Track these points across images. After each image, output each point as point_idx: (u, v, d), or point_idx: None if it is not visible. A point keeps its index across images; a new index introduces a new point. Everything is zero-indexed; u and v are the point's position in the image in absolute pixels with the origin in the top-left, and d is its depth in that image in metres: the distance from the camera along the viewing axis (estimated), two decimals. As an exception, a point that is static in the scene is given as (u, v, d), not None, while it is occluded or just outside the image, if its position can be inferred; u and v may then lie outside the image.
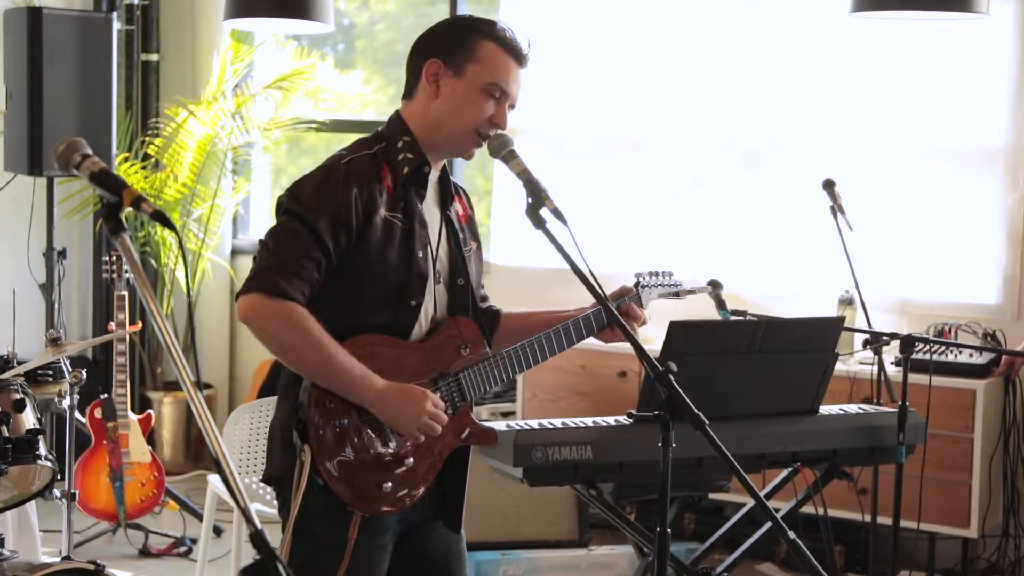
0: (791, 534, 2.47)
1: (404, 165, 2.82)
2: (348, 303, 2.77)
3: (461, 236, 2.93)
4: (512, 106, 2.87)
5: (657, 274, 3.23)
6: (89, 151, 2.01)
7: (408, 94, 2.89)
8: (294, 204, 2.74)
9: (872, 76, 5.61)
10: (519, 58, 2.84)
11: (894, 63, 5.57)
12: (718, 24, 5.90)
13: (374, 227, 2.75)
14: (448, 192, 2.92)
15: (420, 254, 2.80)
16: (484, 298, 3.12)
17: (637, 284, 3.15)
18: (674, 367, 2.60)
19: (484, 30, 2.83)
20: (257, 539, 1.88)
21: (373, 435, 2.76)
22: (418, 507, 2.87)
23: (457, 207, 2.96)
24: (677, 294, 3.34)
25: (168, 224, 1.95)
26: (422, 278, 2.80)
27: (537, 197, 2.68)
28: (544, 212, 2.68)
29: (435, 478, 2.86)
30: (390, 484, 2.77)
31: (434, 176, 2.90)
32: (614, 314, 2.70)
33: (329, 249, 2.71)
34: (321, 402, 2.73)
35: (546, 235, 2.66)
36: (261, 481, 3.10)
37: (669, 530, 2.71)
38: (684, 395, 2.57)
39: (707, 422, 2.55)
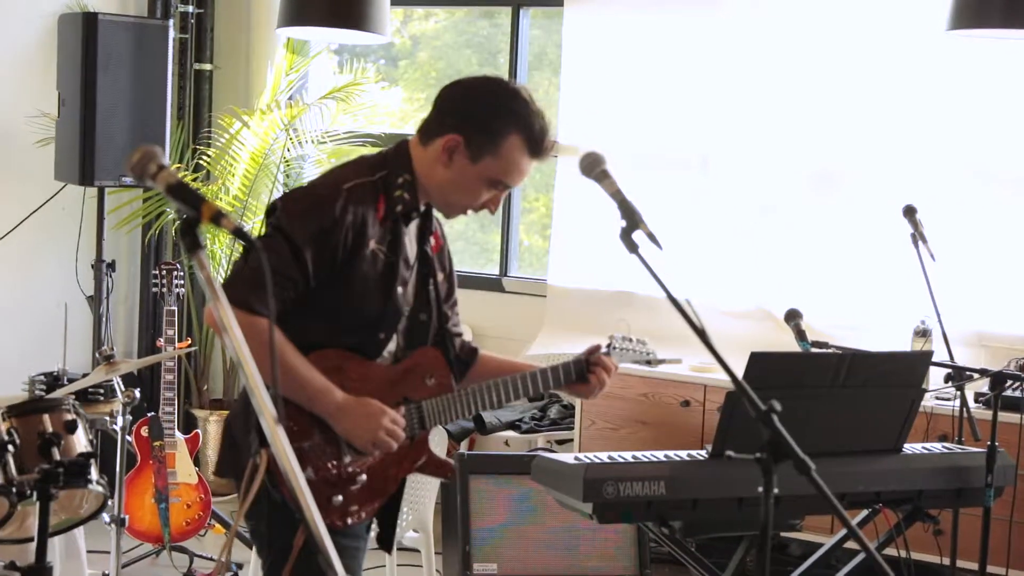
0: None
1: (398, 203, 2.85)
2: (322, 324, 2.82)
3: (435, 270, 2.98)
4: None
5: (631, 339, 3.28)
6: (165, 162, 1.85)
7: (424, 138, 2.89)
8: (285, 219, 2.78)
9: (952, 99, 5.41)
10: (539, 156, 2.89)
11: (974, 86, 5.37)
12: (790, 41, 5.71)
13: (361, 258, 2.80)
14: (428, 227, 2.96)
15: (400, 290, 2.85)
16: (458, 328, 3.15)
17: (609, 346, 3.21)
18: (778, 406, 2.41)
19: (519, 120, 2.84)
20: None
21: (330, 449, 2.82)
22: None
23: (431, 240, 3.00)
24: (649, 362, 3.39)
25: (249, 241, 1.80)
26: (397, 314, 2.87)
27: (631, 220, 2.55)
28: (637, 236, 2.52)
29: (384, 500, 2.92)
30: (340, 498, 2.82)
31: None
32: (710, 346, 2.51)
33: (308, 271, 2.76)
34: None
35: (640, 260, 2.51)
36: (213, 474, 3.16)
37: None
38: (788, 436, 2.39)
39: (813, 467, 2.37)
